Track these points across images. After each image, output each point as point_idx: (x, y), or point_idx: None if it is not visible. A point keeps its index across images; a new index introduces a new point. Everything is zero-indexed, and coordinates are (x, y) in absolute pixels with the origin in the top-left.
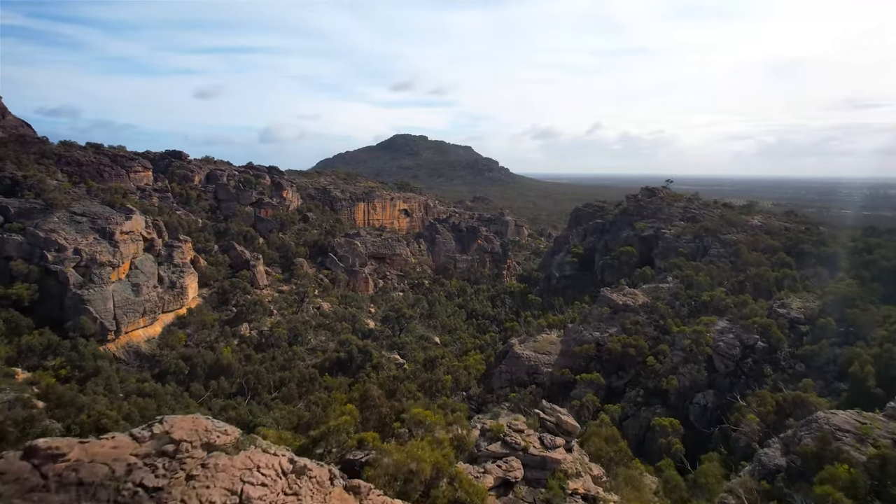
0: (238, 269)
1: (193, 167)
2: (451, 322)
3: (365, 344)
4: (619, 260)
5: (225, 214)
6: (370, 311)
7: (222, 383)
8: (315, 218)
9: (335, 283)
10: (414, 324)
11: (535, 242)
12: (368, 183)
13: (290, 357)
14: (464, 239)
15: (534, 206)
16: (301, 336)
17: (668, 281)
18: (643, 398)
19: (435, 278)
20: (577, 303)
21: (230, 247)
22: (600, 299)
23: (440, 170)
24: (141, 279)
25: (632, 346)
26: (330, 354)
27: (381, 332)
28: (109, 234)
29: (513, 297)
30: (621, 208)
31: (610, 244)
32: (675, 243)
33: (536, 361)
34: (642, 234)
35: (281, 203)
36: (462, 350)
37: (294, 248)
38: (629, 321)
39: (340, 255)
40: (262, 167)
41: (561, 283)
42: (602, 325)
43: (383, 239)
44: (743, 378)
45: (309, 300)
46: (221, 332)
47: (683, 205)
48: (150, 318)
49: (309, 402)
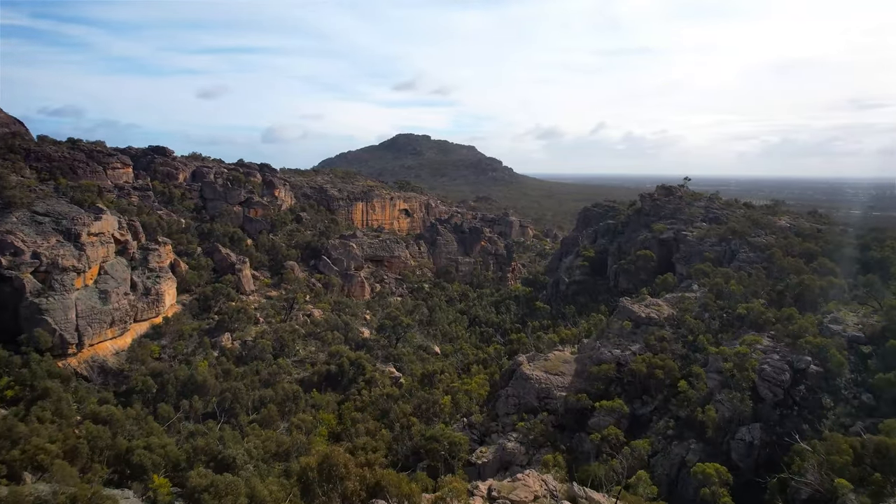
0: (223, 274)
1: (178, 164)
2: (453, 330)
3: (357, 356)
4: (636, 265)
5: (211, 214)
6: (365, 319)
7: (195, 403)
8: (309, 218)
9: (328, 288)
10: (412, 333)
11: (541, 244)
12: (367, 182)
13: (275, 371)
14: (466, 240)
15: (538, 207)
16: (288, 347)
17: (694, 290)
18: (674, 430)
19: (436, 282)
20: (594, 314)
21: (214, 249)
22: (620, 311)
23: (443, 169)
24: (110, 285)
25: (659, 368)
26: (319, 367)
27: (376, 342)
28: (75, 236)
29: (518, 303)
30: (635, 208)
31: (624, 247)
32: (698, 247)
33: (548, 384)
34: (661, 236)
35: (272, 202)
36: (464, 363)
37: (284, 251)
38: (654, 337)
39: (334, 257)
40: (252, 164)
41: (571, 289)
42: (623, 341)
43: (381, 240)
44: (795, 409)
45: (299, 307)
46: (200, 344)
47: (704, 204)
48: (119, 328)
49: (291, 426)
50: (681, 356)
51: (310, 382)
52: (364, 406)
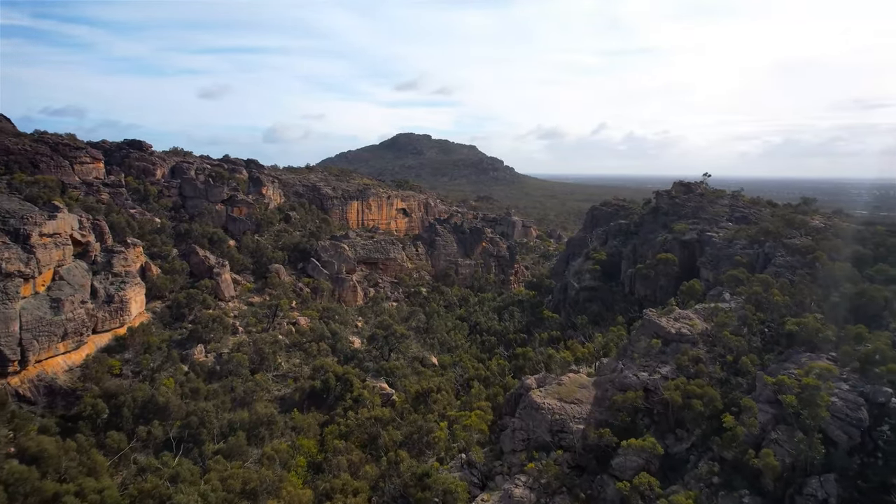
0: (200, 278)
1: (156, 159)
2: (451, 338)
3: (345, 371)
4: (656, 269)
5: (191, 213)
6: (357, 326)
7: (154, 429)
8: (299, 218)
9: (317, 294)
10: (407, 343)
11: (545, 245)
12: (364, 180)
13: (251, 389)
14: (466, 241)
15: (541, 207)
16: (268, 360)
17: (727, 299)
18: (720, 476)
19: (434, 286)
20: (612, 328)
21: (192, 251)
22: (644, 325)
23: (444, 169)
24: (65, 293)
25: (697, 397)
26: (302, 383)
27: (367, 353)
28: (24, 237)
29: (522, 309)
30: (651, 207)
31: (640, 250)
32: (726, 249)
33: (562, 414)
34: (683, 237)
35: (259, 200)
36: (463, 378)
37: (270, 253)
38: (687, 358)
39: (324, 260)
40: (238, 160)
41: (581, 295)
42: (650, 362)
43: (375, 241)
44: (880, 457)
45: (283, 314)
46: (168, 358)
47: (728, 202)
48: (74, 341)
49: (264, 456)
50: (719, 380)
51: (291, 401)
52: (350, 431)
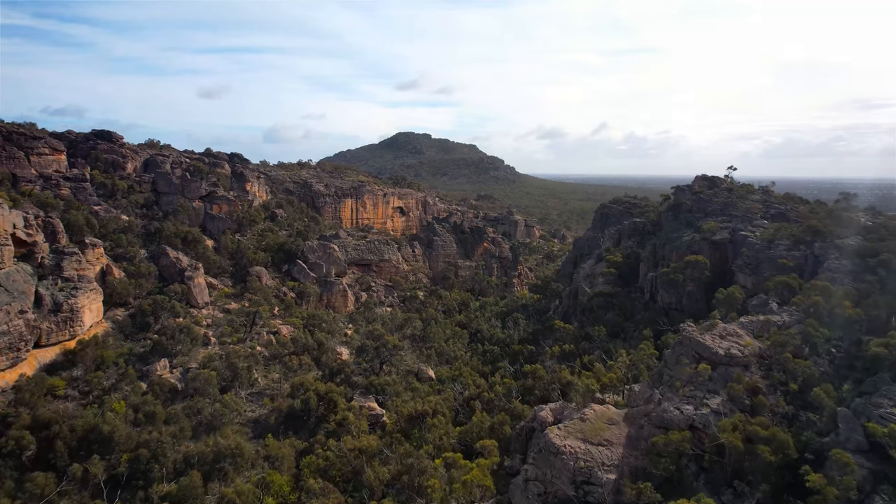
0: (171, 282)
1: (127, 152)
2: (450, 348)
3: (328, 389)
4: (684, 273)
5: (164, 211)
6: (346, 335)
7: (93, 466)
8: (286, 216)
9: (302, 299)
10: (400, 355)
11: (548, 245)
12: (359, 177)
13: (219, 412)
14: (467, 241)
15: (542, 206)
16: (241, 376)
17: (776, 310)
18: None
19: (432, 289)
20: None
21: (161, 252)
22: (683, 343)
23: (444, 168)
24: (1, 300)
25: (763, 442)
26: (280, 403)
27: (356, 367)
28: None
29: (527, 314)
30: (670, 204)
31: (660, 251)
32: (766, 251)
33: (588, 460)
34: (713, 237)
35: (242, 197)
36: (463, 398)
37: (251, 254)
38: (742, 387)
39: (312, 262)
40: (221, 154)
41: (595, 301)
42: (695, 391)
43: (368, 242)
44: None
45: (263, 322)
46: (122, 375)
47: (761, 198)
48: (9, 357)
49: (223, 500)
50: (784, 416)
51: (265, 424)
52: (330, 465)
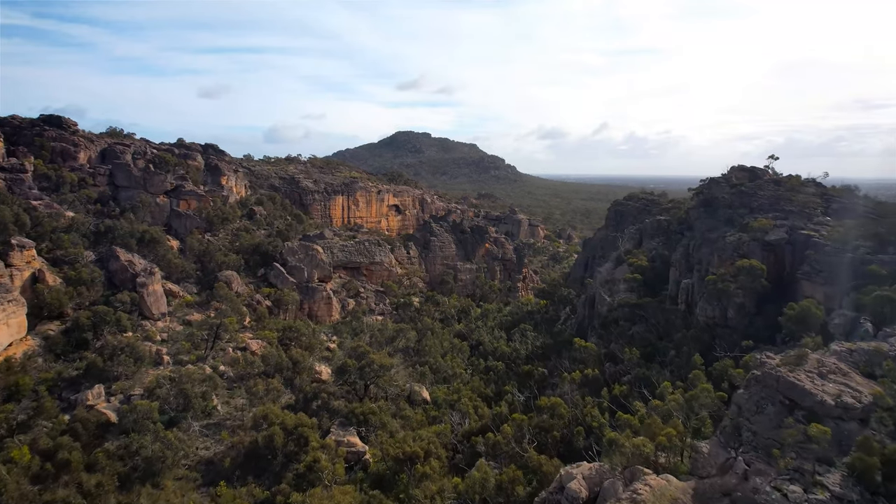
0: (123, 289)
1: (80, 140)
2: (448, 365)
3: (297, 422)
4: (737, 281)
5: (123, 207)
6: (328, 350)
7: None
8: (265, 214)
9: (280, 308)
10: (389, 376)
11: (554, 246)
12: (351, 173)
13: (158, 453)
14: (467, 242)
15: (545, 205)
16: (195, 405)
17: (871, 332)
18: None
19: (428, 295)
20: (699, 380)
21: (111, 255)
22: (764, 382)
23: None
24: None
25: None
26: (240, 438)
27: (337, 388)
28: None
29: (535, 323)
30: (702, 198)
31: (695, 253)
32: (841, 254)
33: None
34: (766, 237)
35: (216, 192)
36: (462, 432)
37: (220, 256)
38: (878, 459)
39: (292, 265)
40: (194, 145)
41: (618, 314)
42: (800, 461)
43: (358, 242)
44: None
45: (230, 336)
46: (37, 408)
47: (815, 191)
48: None
49: None
50: None
51: (220, 468)
52: None
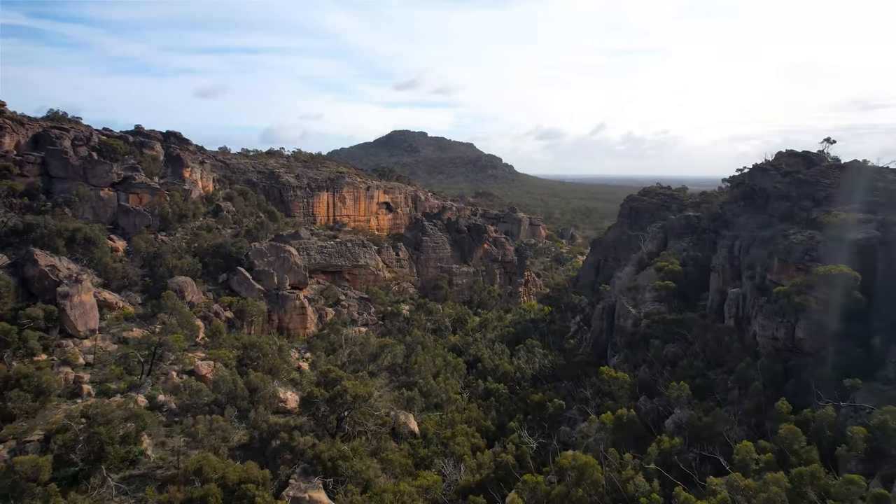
0: (40, 300)
1: (6, 122)
2: (441, 388)
3: (244, 474)
4: (817, 292)
5: (56, 201)
6: (298, 371)
7: None
8: (234, 211)
9: (243, 320)
10: (365, 407)
11: (556, 246)
12: (338, 168)
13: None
14: (464, 242)
15: (544, 205)
16: (111, 452)
17: None
18: None
19: (419, 302)
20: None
21: (28, 259)
22: None
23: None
24: None
25: None
26: (171, 496)
27: (305, 422)
28: None
29: (541, 335)
30: (743, 190)
31: (743, 256)
32: None
33: None
34: (850, 236)
35: (176, 186)
36: (458, 486)
37: (172, 259)
38: None
39: (259, 269)
40: (154, 132)
41: (649, 330)
42: None
43: (339, 243)
44: None
45: (175, 358)
46: None
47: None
48: None
49: None
50: None
51: None
52: None
